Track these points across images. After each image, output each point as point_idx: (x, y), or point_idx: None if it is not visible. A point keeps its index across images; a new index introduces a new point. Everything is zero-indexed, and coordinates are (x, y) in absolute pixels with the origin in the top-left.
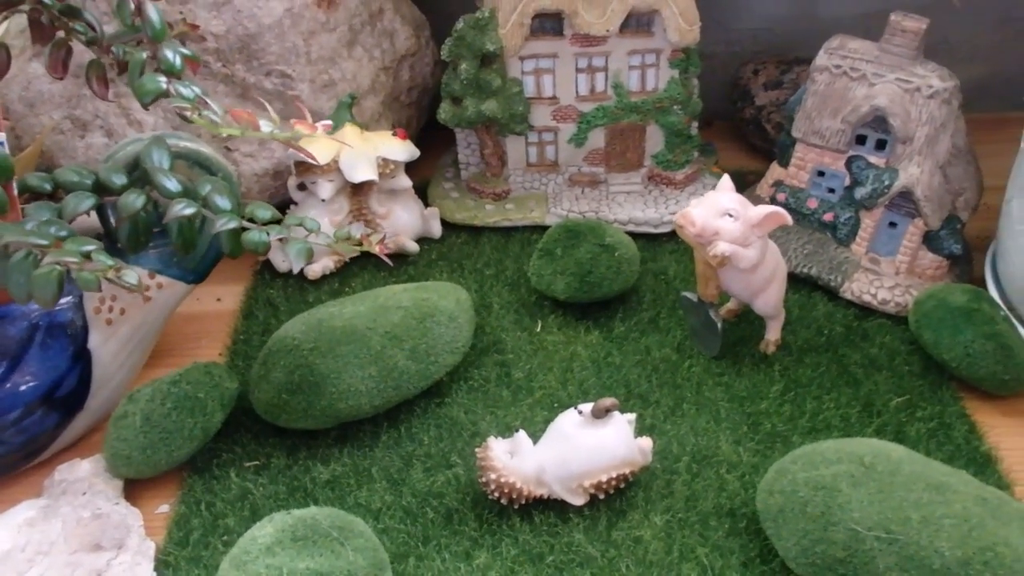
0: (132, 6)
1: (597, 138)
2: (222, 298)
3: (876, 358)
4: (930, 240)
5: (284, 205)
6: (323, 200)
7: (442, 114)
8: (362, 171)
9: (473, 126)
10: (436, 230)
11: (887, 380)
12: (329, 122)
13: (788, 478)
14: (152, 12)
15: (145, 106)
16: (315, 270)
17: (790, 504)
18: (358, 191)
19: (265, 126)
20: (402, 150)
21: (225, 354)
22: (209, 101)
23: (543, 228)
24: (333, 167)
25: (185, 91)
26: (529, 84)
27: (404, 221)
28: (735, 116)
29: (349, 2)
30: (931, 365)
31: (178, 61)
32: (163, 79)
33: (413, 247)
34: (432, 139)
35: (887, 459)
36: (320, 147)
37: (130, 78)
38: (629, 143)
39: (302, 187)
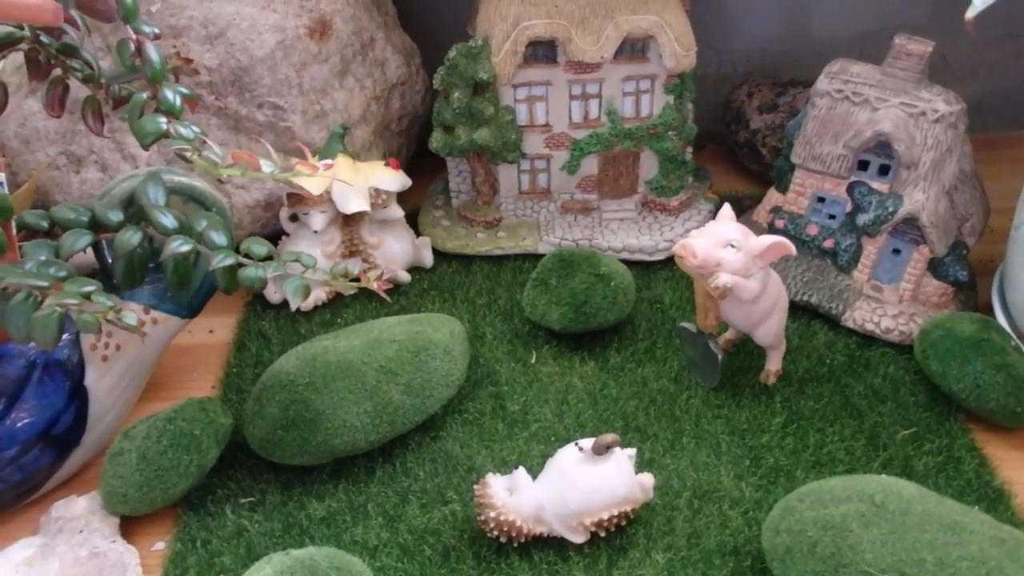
0: (132, 47)
1: (590, 165)
2: (214, 330)
3: (880, 389)
4: (935, 267)
5: (276, 235)
6: (315, 231)
7: (434, 143)
8: (355, 202)
9: (465, 154)
10: (428, 259)
11: (892, 412)
12: (331, 161)
13: (795, 516)
14: (152, 53)
15: (146, 147)
16: (307, 302)
17: (798, 544)
18: (350, 221)
19: (266, 166)
20: (394, 180)
21: (218, 387)
22: (208, 141)
23: (535, 256)
24: (325, 198)
25: (185, 132)
26: (522, 112)
27: (396, 251)
28: (728, 139)
29: (341, 32)
30: (937, 396)
31: (178, 102)
32: (163, 120)
33: (405, 277)
34: (421, 167)
35: (898, 497)
36: (314, 178)
37: (130, 119)
38: (622, 169)
39: (294, 218)
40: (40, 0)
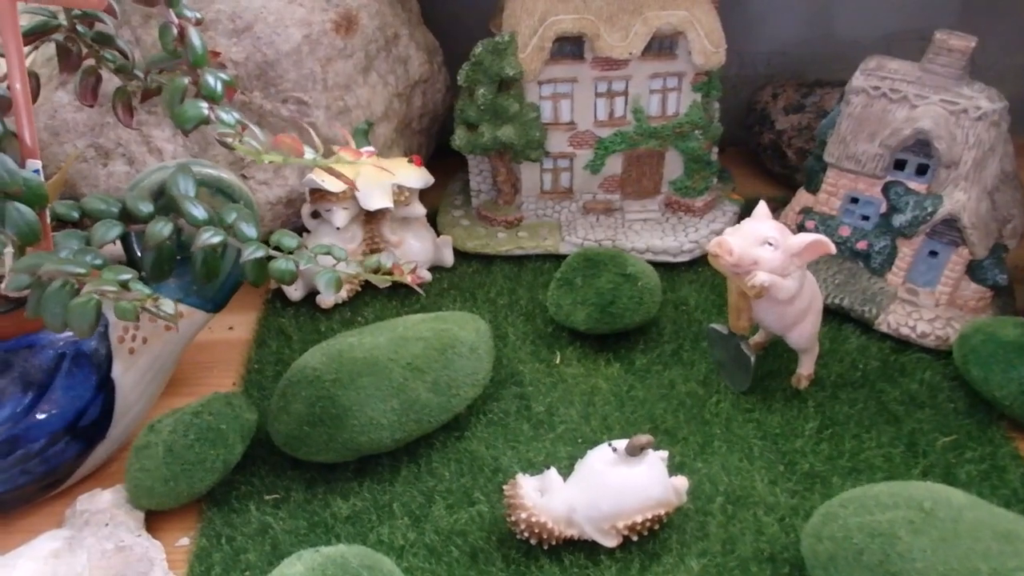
0: (175, 32)
1: (614, 164)
2: (234, 327)
3: (917, 394)
4: (974, 270)
5: (297, 232)
6: (337, 228)
7: (457, 141)
8: (377, 199)
9: (488, 153)
10: (448, 258)
11: (931, 418)
12: (372, 148)
13: (839, 523)
14: (195, 38)
15: (186, 132)
16: (327, 299)
17: (842, 552)
18: (371, 219)
19: (308, 153)
20: (417, 177)
21: (239, 383)
22: (251, 126)
23: (557, 257)
24: (348, 195)
25: (226, 117)
26: (546, 109)
27: (416, 250)
28: (750, 141)
29: (366, 28)
30: (977, 403)
31: (219, 87)
32: (204, 105)
33: (427, 276)
34: (440, 165)
35: (948, 504)
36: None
37: (169, 104)
38: (646, 169)
39: (315, 215)
40: None
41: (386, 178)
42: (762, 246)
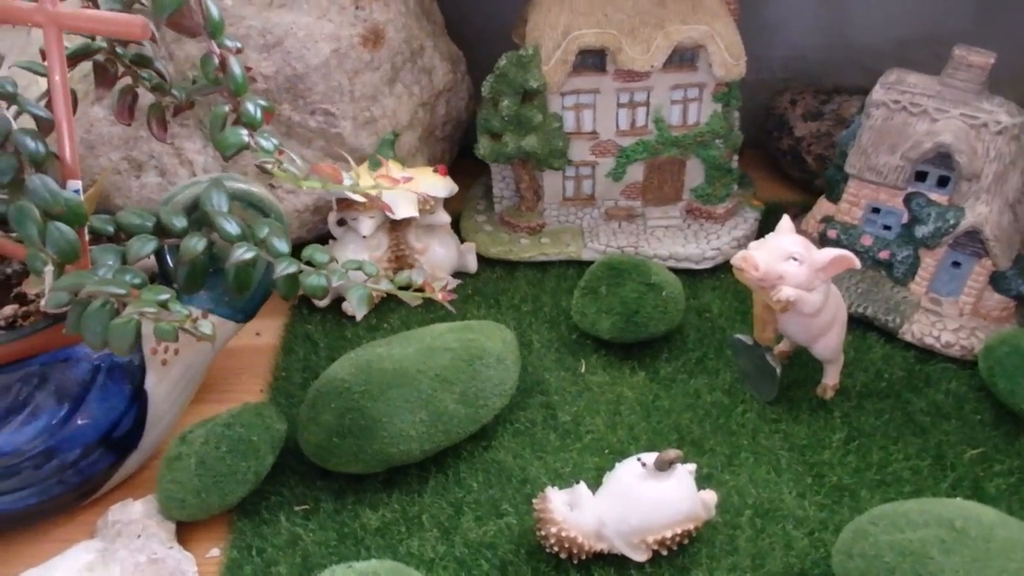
0: (216, 61)
1: (635, 172)
2: (261, 332)
3: (943, 405)
4: (997, 280)
5: (323, 239)
6: (364, 236)
7: (481, 150)
8: (404, 207)
9: (511, 161)
10: (472, 265)
11: (957, 430)
12: (410, 175)
13: (869, 540)
14: (235, 67)
15: (227, 159)
16: (358, 313)
17: (874, 569)
18: (397, 227)
19: (347, 179)
20: (442, 186)
21: (266, 391)
22: (288, 152)
23: (579, 263)
24: (374, 204)
25: (266, 144)
26: (569, 119)
27: (441, 256)
28: (770, 146)
29: (393, 41)
30: (1004, 414)
31: (259, 114)
32: (244, 132)
33: (453, 284)
34: (461, 171)
35: (978, 523)
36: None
37: (211, 131)
38: (667, 177)
39: (342, 223)
40: (130, 17)
41: (411, 187)
42: (787, 261)
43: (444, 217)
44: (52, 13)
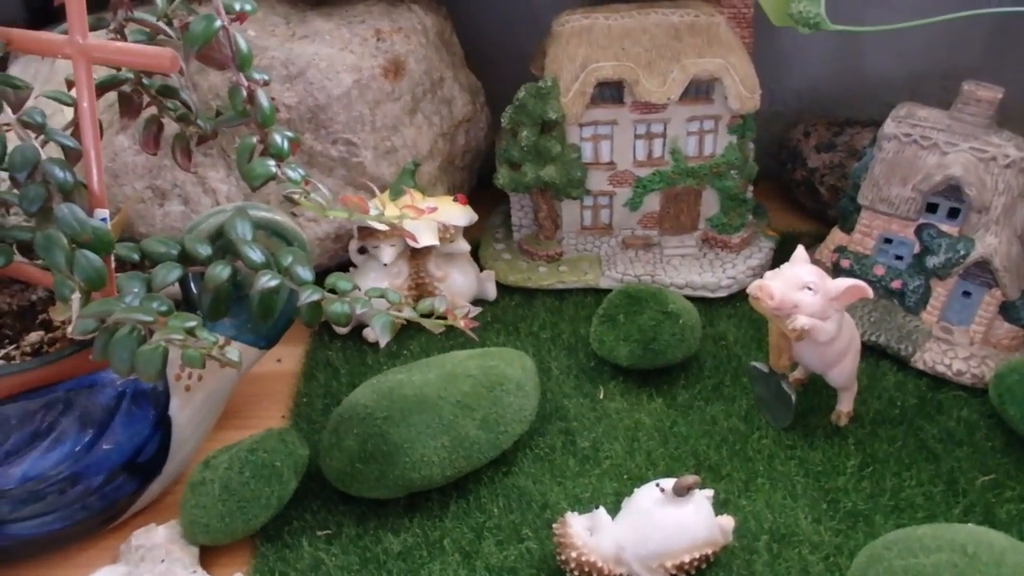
0: (244, 93)
1: (652, 202)
2: (282, 359)
3: (955, 432)
4: (1006, 310)
5: (343, 267)
6: (384, 264)
7: (500, 180)
8: (425, 236)
9: (530, 191)
10: (491, 293)
11: (969, 456)
12: (434, 204)
13: (884, 565)
14: (263, 99)
15: (255, 189)
16: (381, 340)
17: None
18: (417, 255)
19: (373, 209)
20: (462, 215)
21: (288, 416)
22: (314, 182)
23: (597, 291)
24: (396, 232)
25: (293, 175)
26: (587, 150)
27: (460, 284)
28: (783, 177)
29: (414, 72)
30: (1014, 441)
31: (286, 145)
32: (272, 163)
33: (474, 311)
34: (480, 199)
35: (990, 548)
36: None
37: (239, 163)
38: (684, 206)
39: (363, 250)
40: (158, 50)
41: (432, 216)
42: (802, 290)
43: (464, 245)
44: (82, 46)
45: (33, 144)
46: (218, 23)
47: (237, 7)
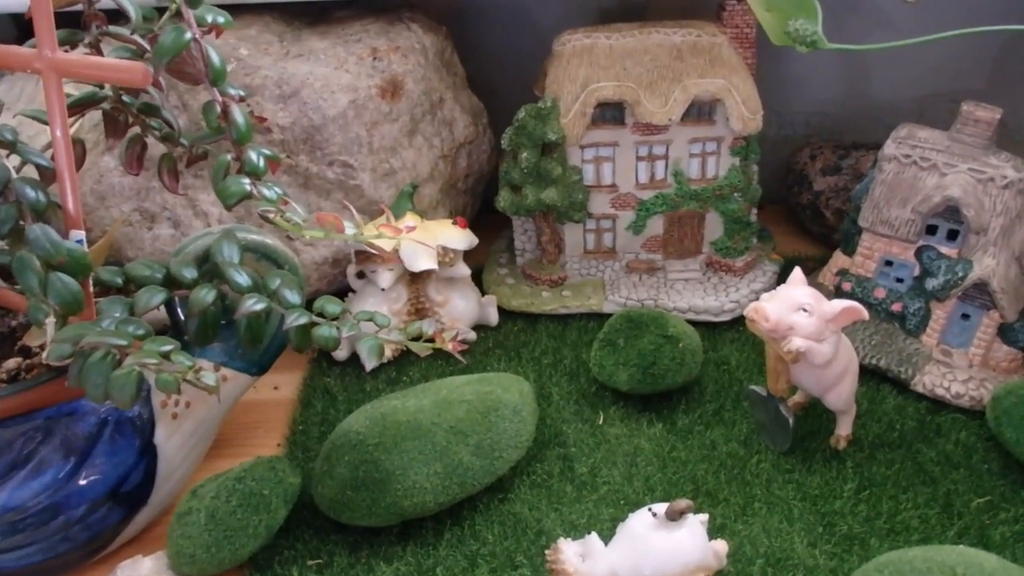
0: (218, 109)
1: (656, 225)
2: (279, 387)
3: (952, 455)
4: (1005, 332)
5: (342, 292)
6: (383, 289)
7: (501, 202)
8: (423, 260)
9: (532, 214)
10: (493, 318)
11: (966, 479)
12: (413, 224)
13: None
14: (238, 115)
15: (229, 208)
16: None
17: None
18: (416, 279)
19: (349, 229)
20: (461, 239)
21: (284, 444)
22: (291, 202)
23: (601, 316)
24: (394, 256)
25: (268, 193)
26: (589, 172)
27: (461, 309)
28: (790, 201)
29: (412, 92)
30: (1011, 464)
31: (262, 163)
32: (247, 181)
33: (471, 336)
34: (485, 224)
35: (980, 569)
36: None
37: (214, 180)
38: (687, 230)
39: (361, 275)
40: (130, 63)
41: (430, 240)
42: (797, 312)
43: (464, 270)
44: (51, 59)
45: (3, 162)
46: (188, 35)
47: (210, 19)
